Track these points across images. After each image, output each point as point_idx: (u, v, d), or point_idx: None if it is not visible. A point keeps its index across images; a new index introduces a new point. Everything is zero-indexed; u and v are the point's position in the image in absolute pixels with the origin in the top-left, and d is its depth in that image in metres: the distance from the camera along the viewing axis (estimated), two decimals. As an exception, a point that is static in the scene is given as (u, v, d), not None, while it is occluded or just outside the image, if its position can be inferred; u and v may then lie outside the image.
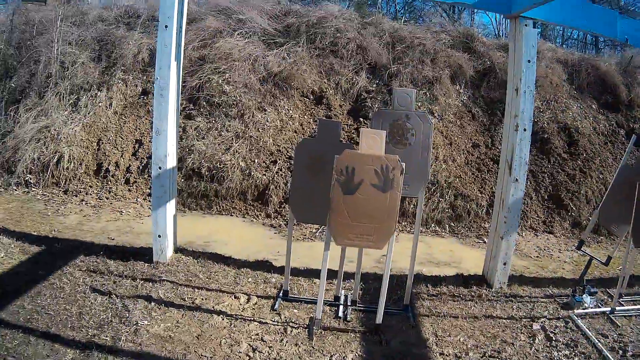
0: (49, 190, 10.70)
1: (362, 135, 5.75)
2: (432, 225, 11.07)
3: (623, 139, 13.17)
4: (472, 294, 7.53)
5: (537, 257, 9.89)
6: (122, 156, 11.49)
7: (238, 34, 13.52)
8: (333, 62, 13.51)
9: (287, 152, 11.58)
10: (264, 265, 7.94)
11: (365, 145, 5.68)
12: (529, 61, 7.19)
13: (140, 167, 11.41)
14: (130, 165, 11.41)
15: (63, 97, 12.06)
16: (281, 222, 10.53)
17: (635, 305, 7.48)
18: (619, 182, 7.22)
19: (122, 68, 12.82)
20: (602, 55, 18.41)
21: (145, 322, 5.84)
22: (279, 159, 11.51)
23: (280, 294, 6.87)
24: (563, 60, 14.91)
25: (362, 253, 6.66)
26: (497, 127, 12.73)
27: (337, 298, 6.83)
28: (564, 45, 23.37)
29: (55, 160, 11.05)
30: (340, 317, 6.44)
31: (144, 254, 7.60)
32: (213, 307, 6.40)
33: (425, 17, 22.68)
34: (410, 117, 6.53)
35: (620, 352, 6.17)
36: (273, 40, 13.73)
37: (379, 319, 6.05)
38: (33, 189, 10.69)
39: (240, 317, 6.24)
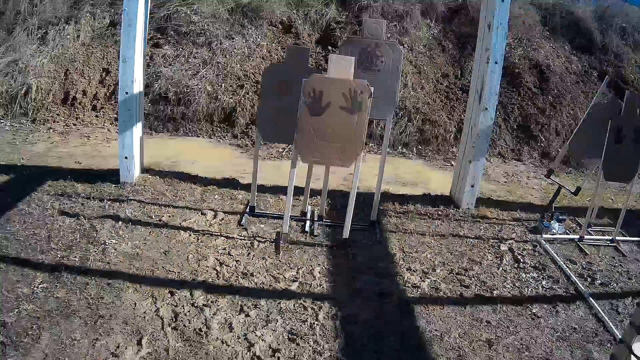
0: (17, 120, 10.56)
1: (330, 60, 5.76)
2: (400, 147, 11.13)
3: (595, 79, 13.21)
4: (439, 213, 7.62)
5: (505, 182, 9.97)
6: (89, 84, 11.35)
7: (207, -35, 13.32)
8: (303, -6, 13.37)
9: (255, 77, 11.51)
10: (230, 183, 7.98)
11: (333, 70, 5.68)
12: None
13: (107, 94, 11.30)
14: (97, 93, 11.29)
15: (31, 32, 11.86)
16: (248, 143, 10.54)
17: (604, 235, 7.58)
18: (591, 118, 7.29)
19: (91, 2, 12.62)
20: (578, 3, 18.37)
21: (113, 241, 5.86)
22: (246, 84, 11.45)
23: (247, 210, 6.91)
24: (537, 3, 14.88)
25: (329, 171, 6.69)
26: (467, 59, 12.70)
27: (303, 214, 6.90)
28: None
29: (23, 91, 10.89)
30: (306, 232, 6.52)
31: (111, 176, 7.56)
32: (180, 223, 6.43)
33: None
34: (379, 45, 6.52)
35: (589, 279, 6.27)
36: (242, -29, 13.53)
37: (346, 233, 6.14)
38: (1, 121, 10.53)
39: (207, 232, 6.29)
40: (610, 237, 7.39)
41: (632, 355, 3.28)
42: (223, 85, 11.30)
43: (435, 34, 13.45)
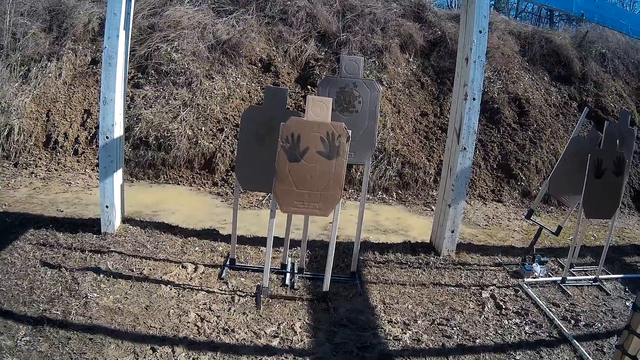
0: (0, 164, 10.50)
1: (308, 102, 5.74)
2: (380, 193, 11.14)
3: (575, 111, 13.33)
4: (420, 261, 7.61)
5: (485, 225, 9.99)
6: (70, 127, 11.37)
7: (188, 2, 13.47)
8: (282, 30, 13.48)
9: (234, 119, 11.55)
10: (210, 234, 7.95)
11: (311, 112, 5.67)
12: (480, 31, 7.25)
13: (89, 138, 11.32)
14: (79, 136, 11.30)
15: (14, 68, 11.85)
16: (228, 191, 10.54)
17: (587, 275, 7.57)
18: (570, 153, 7.32)
19: (73, 38, 12.64)
20: (557, 29, 18.51)
21: (95, 295, 5.84)
22: (226, 127, 11.49)
23: (227, 263, 6.90)
24: (516, 33, 15.07)
25: (309, 221, 6.70)
26: (446, 96, 12.78)
27: (283, 266, 6.87)
28: (517, 18, 23.50)
29: (5, 133, 10.87)
30: (287, 285, 6.50)
31: (92, 225, 7.57)
32: (161, 277, 6.41)
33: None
34: (357, 85, 6.54)
35: (573, 321, 6.27)
36: (222, 8, 13.65)
37: (326, 286, 6.11)
38: (-16, 165, 10.51)
39: (188, 286, 6.27)
40: (594, 277, 7.40)
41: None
42: (203, 129, 11.31)
43: (414, 69, 13.53)
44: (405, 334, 5.69)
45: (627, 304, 6.81)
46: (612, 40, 15.41)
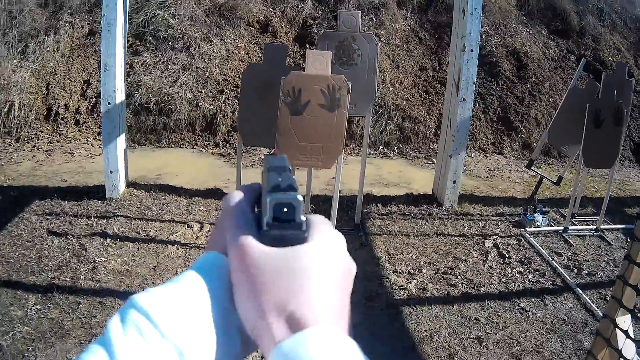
0: (1, 140, 10.51)
1: (308, 56, 5.78)
2: (381, 147, 11.15)
3: (573, 64, 13.22)
4: (423, 212, 7.63)
5: (487, 177, 10.02)
6: (71, 98, 11.32)
7: (184, -33, 13.28)
8: (279, -10, 13.34)
9: (234, 80, 11.52)
10: (215, 193, 7.98)
11: (311, 66, 5.69)
12: (476, -18, 7.20)
13: (89, 107, 11.28)
14: (79, 107, 11.26)
15: (12, 46, 11.79)
16: (230, 151, 10.52)
17: (588, 225, 7.60)
18: (569, 104, 7.33)
19: (69, 11, 12.54)
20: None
21: (103, 259, 5.90)
22: (226, 88, 11.46)
23: (232, 220, 6.88)
24: (513, -14, 14.89)
25: (312, 175, 6.68)
26: (444, 50, 12.70)
27: (288, 220, 6.84)
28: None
29: (6, 109, 10.84)
30: (292, 239, 6.48)
31: (97, 192, 7.60)
32: (167, 237, 6.48)
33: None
34: (356, 38, 6.56)
35: (575, 270, 6.31)
36: (218, -30, 13.49)
37: (331, 238, 6.08)
38: (-14, 142, 10.51)
39: (194, 245, 6.36)
40: (595, 227, 7.42)
41: (616, 329, 3.30)
42: (203, 91, 11.30)
43: (411, 25, 13.44)
44: (411, 283, 5.75)
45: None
46: (610, -6, 15.33)
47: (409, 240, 6.77)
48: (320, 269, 0.69)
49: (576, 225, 7.56)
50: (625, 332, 3.28)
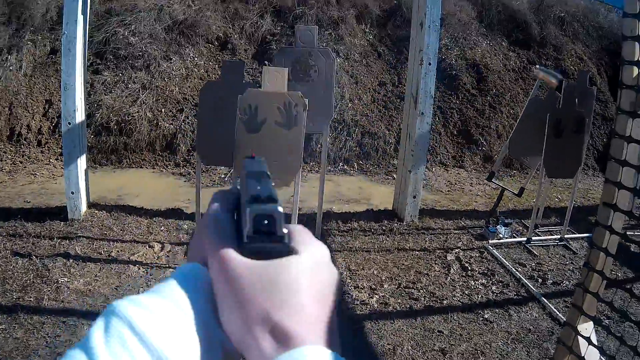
0: (-34, 160, 10.43)
1: (264, 73, 5.80)
2: (340, 164, 11.18)
3: (535, 75, 13.30)
4: (384, 228, 7.66)
5: (448, 191, 10.08)
6: (33, 118, 11.29)
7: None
8: (238, 7, 13.39)
9: (194, 99, 11.51)
10: (175, 213, 7.99)
11: (267, 83, 5.71)
12: (435, -4, 7.26)
13: (51, 127, 11.25)
14: (41, 127, 11.24)
15: (-25, 64, 11.70)
16: (190, 171, 10.52)
17: (553, 235, 7.64)
18: (529, 114, 7.35)
19: (31, 29, 12.48)
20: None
21: (66, 279, 5.93)
22: (185, 107, 11.48)
23: (192, 240, 6.87)
24: (472, -1, 14.98)
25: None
26: (403, 65, 12.73)
27: (248, 239, 6.82)
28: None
29: (-30, 131, 10.77)
30: (251, 258, 6.46)
31: (59, 213, 7.60)
32: (129, 257, 6.50)
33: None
34: (312, 54, 6.59)
35: (540, 280, 6.37)
36: (178, -13, 13.47)
37: (290, 256, 6.06)
38: (-49, 164, 10.42)
39: (155, 265, 6.39)
40: (559, 236, 7.47)
41: (578, 336, 3.32)
42: (163, 110, 11.29)
43: (370, 39, 13.51)
44: (372, 298, 5.78)
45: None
46: (571, 3, 15.40)
47: (370, 256, 6.80)
48: (304, 282, 0.70)
49: (540, 236, 7.61)
50: (588, 339, 3.29)
